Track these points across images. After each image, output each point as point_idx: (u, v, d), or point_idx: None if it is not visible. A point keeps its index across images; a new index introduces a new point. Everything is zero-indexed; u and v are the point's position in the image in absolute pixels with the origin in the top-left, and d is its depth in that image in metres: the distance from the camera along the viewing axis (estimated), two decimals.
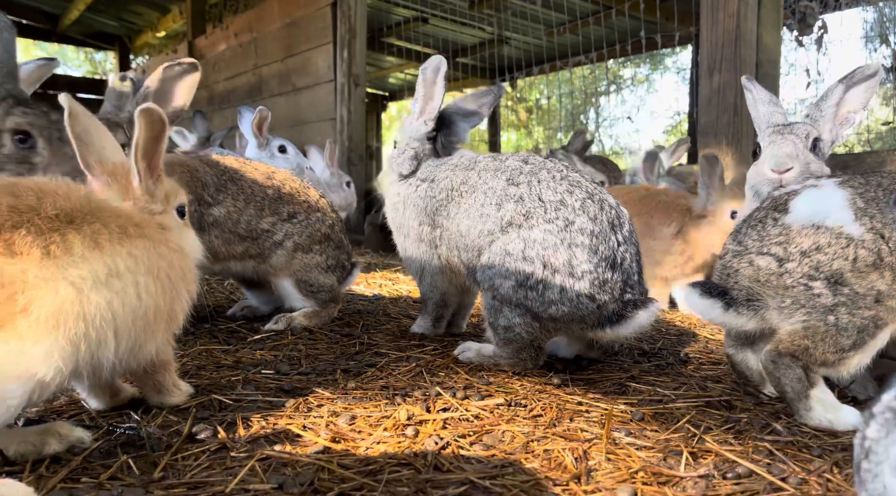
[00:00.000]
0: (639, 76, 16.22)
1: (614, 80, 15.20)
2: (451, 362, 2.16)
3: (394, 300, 3.34)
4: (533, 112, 16.96)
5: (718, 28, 4.24)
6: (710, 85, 4.32)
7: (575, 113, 15.69)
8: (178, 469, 1.35)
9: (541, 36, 8.63)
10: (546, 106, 15.27)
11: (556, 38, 8.39)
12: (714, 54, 4.29)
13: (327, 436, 1.53)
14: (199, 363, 2.05)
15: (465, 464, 1.41)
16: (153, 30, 11.01)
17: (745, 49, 4.18)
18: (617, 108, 16.26)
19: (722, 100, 4.28)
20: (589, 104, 15.03)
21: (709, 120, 4.34)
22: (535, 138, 17.28)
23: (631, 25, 6.93)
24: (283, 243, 2.49)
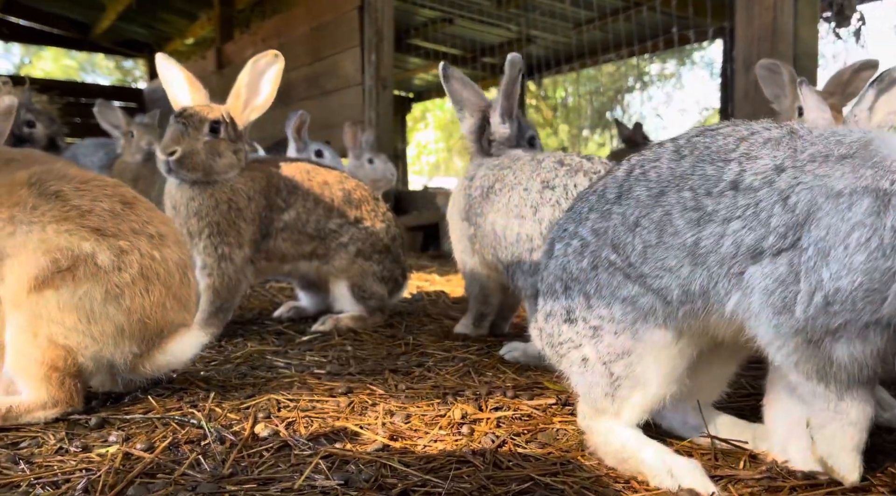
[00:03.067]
0: (666, 72, 16.04)
1: (640, 76, 15.07)
2: (498, 362, 2.18)
3: (432, 301, 3.37)
4: (558, 110, 16.90)
5: (754, 22, 4.20)
6: (746, 80, 4.28)
7: (601, 110, 15.59)
8: (245, 466, 1.39)
9: (567, 34, 8.60)
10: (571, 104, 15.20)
11: (583, 36, 8.35)
12: (750, 49, 4.25)
13: (385, 435, 1.56)
14: (251, 364, 2.10)
15: (523, 461, 1.43)
16: (182, 37, 11.19)
17: (781, 43, 4.13)
18: (643, 105, 16.11)
19: (759, 95, 4.23)
20: (615, 102, 14.93)
21: (745, 115, 4.26)
22: (560, 138, 17.21)
23: (659, 20, 6.87)
24: (347, 246, 2.55)
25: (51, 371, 1.50)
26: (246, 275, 2.41)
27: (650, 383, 1.37)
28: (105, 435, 1.52)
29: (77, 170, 1.64)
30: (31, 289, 1.47)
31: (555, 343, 1.51)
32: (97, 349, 1.54)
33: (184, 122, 2.25)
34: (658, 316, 1.34)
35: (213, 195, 2.30)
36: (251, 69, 2.32)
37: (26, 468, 1.35)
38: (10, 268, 1.49)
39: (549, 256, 1.55)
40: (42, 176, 1.57)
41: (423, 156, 20.31)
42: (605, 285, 1.39)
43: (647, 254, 1.34)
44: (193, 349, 1.67)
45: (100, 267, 1.51)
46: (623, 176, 1.45)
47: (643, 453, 1.35)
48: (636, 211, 1.38)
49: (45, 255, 1.48)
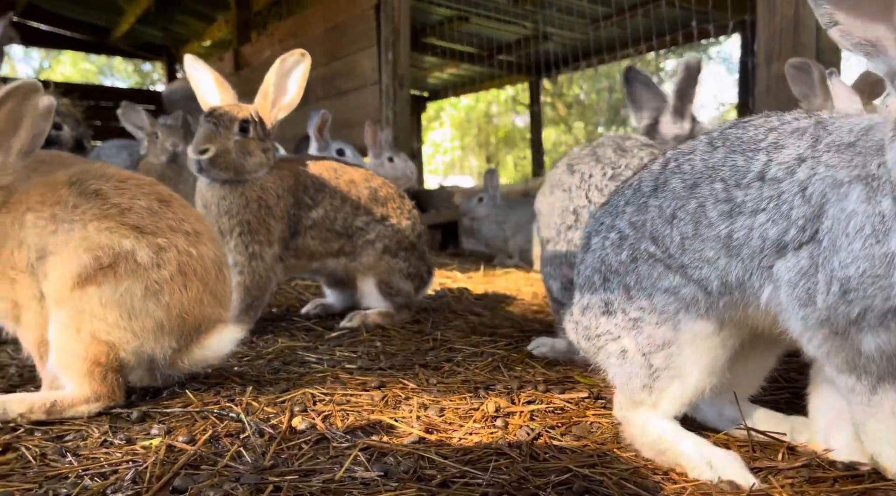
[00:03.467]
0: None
1: (656, 71, 14.97)
2: (526, 357, 2.19)
3: (456, 298, 3.38)
4: (572, 107, 16.84)
5: (776, 15, 4.16)
6: (768, 74, 4.25)
7: (617, 107, 15.52)
8: (285, 458, 1.41)
9: (583, 30, 8.57)
10: (586, 101, 15.14)
11: (599, 32, 8.32)
12: (772, 42, 4.22)
13: (420, 428, 1.57)
14: (283, 359, 2.12)
15: (559, 453, 1.44)
16: (199, 39, 11.30)
17: (804, 36, 4.09)
18: None
19: (782, 89, 4.19)
20: None
21: (768, 110, 4.26)
22: (575, 135, 17.15)
23: (675, 15, 6.82)
24: (374, 243, 2.58)
25: (93, 366, 1.53)
26: (276, 272, 2.43)
27: (690, 375, 1.37)
28: (147, 428, 1.54)
29: (115, 169, 1.67)
30: (73, 286, 1.50)
31: (591, 335, 1.52)
32: (138, 344, 1.57)
33: (214, 121, 2.28)
34: (700, 306, 1.34)
35: (243, 194, 2.33)
36: (278, 68, 2.35)
37: (73, 460, 1.37)
38: (53, 265, 1.52)
39: (585, 250, 1.56)
40: (82, 175, 1.60)
41: (437, 155, 20.34)
42: (645, 277, 1.39)
43: (685, 245, 1.35)
44: (230, 344, 1.70)
45: (139, 264, 1.54)
46: (658, 169, 1.46)
47: (681, 445, 1.35)
48: (672, 203, 1.38)
49: (86, 253, 1.51)
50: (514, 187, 7.61)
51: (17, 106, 1.52)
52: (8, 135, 1.55)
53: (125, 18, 10.33)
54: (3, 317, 1.59)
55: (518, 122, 18.46)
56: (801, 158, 1.24)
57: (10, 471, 1.34)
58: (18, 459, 1.39)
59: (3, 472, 1.33)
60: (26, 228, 1.52)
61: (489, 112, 18.64)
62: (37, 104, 1.55)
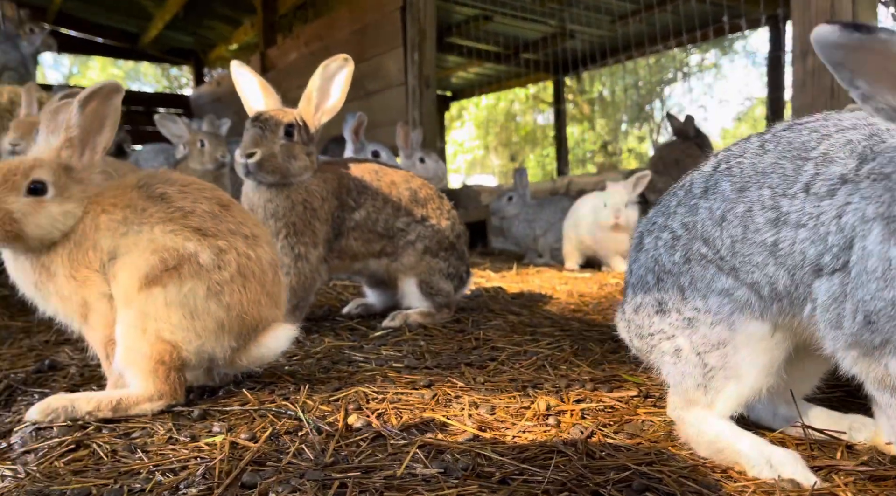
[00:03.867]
0: (707, 62, 15.75)
1: (680, 67, 14.83)
2: (571, 356, 2.20)
3: (492, 297, 3.40)
4: (595, 104, 16.73)
5: (811, 8, 4.11)
6: (803, 68, 4.19)
7: (640, 103, 15.40)
8: (345, 455, 1.44)
9: (608, 27, 8.52)
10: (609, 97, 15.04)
11: (623, 29, 8.27)
12: (806, 36, 4.14)
13: (473, 425, 1.60)
14: (331, 358, 2.16)
15: (614, 451, 1.45)
16: (226, 43, 11.46)
17: None
18: (684, 97, 15.85)
19: (817, 82, 4.15)
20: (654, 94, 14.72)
21: (803, 104, 4.21)
22: (598, 132, 17.05)
23: (704, 10, 6.76)
24: (414, 244, 2.61)
25: (157, 365, 1.58)
26: (320, 273, 2.48)
27: (746, 375, 1.37)
28: (208, 426, 1.58)
29: (178, 174, 1.72)
30: (140, 287, 1.55)
31: (644, 334, 1.53)
32: (200, 344, 1.61)
33: (260, 125, 2.33)
34: (754, 308, 1.34)
35: (289, 197, 2.38)
36: (322, 73, 2.39)
37: (143, 456, 1.42)
38: (122, 266, 1.57)
39: (638, 249, 1.57)
40: (149, 179, 1.65)
41: (459, 154, 20.36)
42: (699, 278, 1.40)
43: (735, 248, 1.35)
44: (285, 343, 1.74)
45: (202, 265, 1.59)
46: (710, 171, 1.46)
47: (739, 444, 1.36)
48: (722, 205, 1.39)
49: (153, 255, 1.56)
50: (541, 186, 7.61)
51: (101, 105, 1.59)
52: (94, 134, 1.62)
53: (154, 24, 10.51)
54: (71, 315, 1.64)
55: (539, 120, 18.41)
56: (843, 179, 1.23)
57: (83, 467, 1.39)
58: (91, 455, 1.44)
59: (78, 468, 1.38)
60: (100, 230, 1.58)
61: (511, 110, 18.61)
62: (118, 104, 1.61)
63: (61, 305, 1.61)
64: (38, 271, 1.58)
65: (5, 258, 1.65)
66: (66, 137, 1.62)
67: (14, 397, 1.83)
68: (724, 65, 16.21)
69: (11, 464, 1.42)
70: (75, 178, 1.61)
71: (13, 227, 1.52)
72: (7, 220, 1.51)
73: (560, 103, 11.22)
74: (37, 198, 1.56)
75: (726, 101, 15.25)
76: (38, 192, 1.56)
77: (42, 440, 1.51)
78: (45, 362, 2.04)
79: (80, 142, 1.64)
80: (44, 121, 1.64)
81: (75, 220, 1.59)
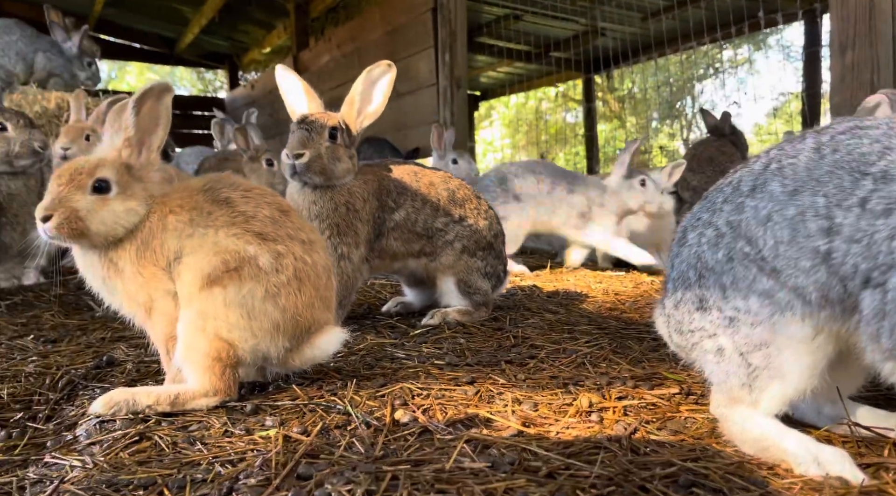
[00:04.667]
0: (739, 57, 15.47)
1: (712, 63, 14.59)
2: (610, 354, 2.22)
3: (528, 296, 3.42)
4: (625, 102, 16.57)
5: (850, 2, 4.04)
6: (842, 63, 4.13)
7: (671, 100, 15.20)
8: (394, 448, 1.49)
9: (638, 24, 8.46)
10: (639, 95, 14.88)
11: (655, 26, 8.20)
12: (846, 30, 4.10)
13: (517, 421, 1.63)
14: (375, 355, 2.21)
15: (658, 447, 1.47)
16: (259, 47, 11.66)
17: (880, 23, 3.96)
18: (715, 93, 15.59)
19: (856, 77, 4.08)
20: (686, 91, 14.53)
21: (842, 99, 4.15)
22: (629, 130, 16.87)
23: (736, 5, 6.67)
24: (452, 243, 2.65)
25: (214, 362, 1.65)
26: (362, 272, 2.54)
27: (791, 375, 1.37)
28: (261, 420, 1.64)
29: (240, 179, 1.79)
30: (202, 287, 1.62)
31: (685, 330, 1.54)
32: (255, 343, 1.67)
33: (307, 127, 2.39)
34: (796, 311, 1.34)
35: (332, 198, 2.44)
36: (365, 78, 2.44)
37: (203, 448, 1.49)
38: (186, 266, 1.64)
39: (681, 244, 1.58)
40: (214, 183, 1.72)
41: (489, 153, 20.35)
42: (741, 278, 1.40)
43: (779, 250, 1.34)
44: (337, 344, 1.79)
45: (261, 268, 1.65)
46: (759, 169, 1.46)
47: (785, 442, 1.36)
48: (769, 205, 1.38)
49: (216, 256, 1.63)
50: None
51: (155, 105, 1.67)
52: (149, 133, 1.70)
53: (190, 29, 10.75)
54: (135, 311, 1.72)
55: (568, 119, 18.29)
56: None
57: (147, 457, 1.46)
58: (154, 447, 1.51)
59: (142, 459, 1.45)
60: (167, 230, 1.65)
61: (539, 109, 18.54)
62: (169, 103, 1.69)
63: (126, 301, 1.69)
64: (107, 267, 1.66)
65: (74, 254, 1.73)
66: (125, 137, 1.70)
67: (76, 392, 1.92)
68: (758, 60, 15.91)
69: (79, 454, 1.49)
70: (136, 177, 1.69)
71: (79, 225, 1.60)
72: (74, 218, 1.59)
73: (590, 102, 11.16)
74: (101, 196, 1.63)
75: (761, 98, 14.93)
76: (102, 191, 1.64)
77: (106, 432, 1.59)
78: (103, 358, 2.13)
79: (136, 141, 1.71)
80: (108, 121, 1.71)
81: (138, 218, 1.66)
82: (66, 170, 1.62)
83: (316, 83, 9.85)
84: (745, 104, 16.80)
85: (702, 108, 5.98)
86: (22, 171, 3.41)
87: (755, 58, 15.91)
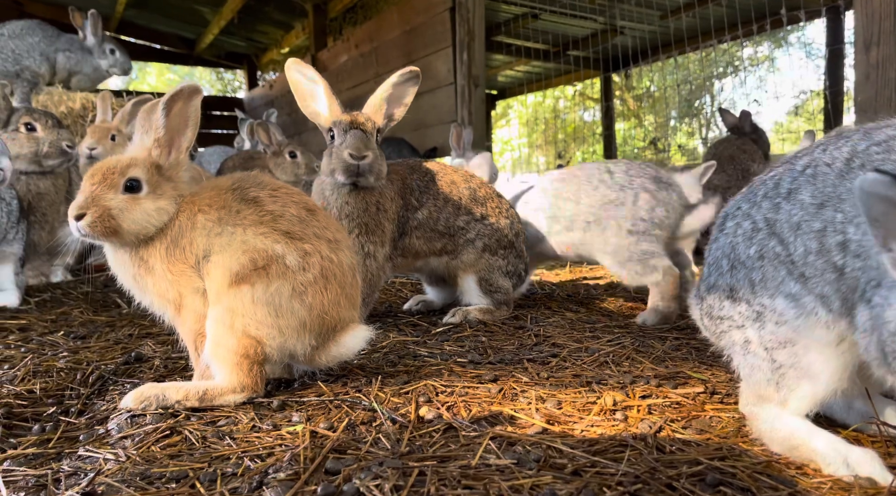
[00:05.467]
0: (760, 55, 15.30)
1: (731, 61, 14.45)
2: (632, 352, 2.22)
3: (548, 294, 3.42)
4: (643, 100, 16.47)
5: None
6: (866, 60, 4.07)
7: (690, 99, 15.07)
8: (420, 445, 1.50)
9: (658, 22, 8.40)
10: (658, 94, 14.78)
11: (676, 23, 8.14)
12: (871, 27, 4.04)
13: (542, 419, 1.63)
14: (398, 353, 2.23)
15: (684, 446, 1.47)
16: (278, 47, 11.73)
17: None
18: (734, 91, 15.44)
19: (881, 75, 4.03)
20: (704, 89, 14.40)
21: (866, 97, 4.09)
22: (647, 128, 16.75)
23: (758, 2, 6.59)
24: (474, 241, 2.67)
25: (242, 359, 1.67)
26: (385, 271, 2.55)
27: (820, 375, 1.37)
28: (288, 416, 1.67)
29: (267, 177, 1.81)
30: (230, 285, 1.65)
31: (714, 315, 1.53)
32: (282, 340, 1.70)
33: (362, 129, 2.39)
34: (820, 317, 1.34)
35: (364, 198, 2.46)
36: (393, 83, 2.46)
37: (231, 443, 1.51)
38: (215, 264, 1.67)
39: (720, 230, 1.57)
40: (242, 182, 1.75)
41: (506, 152, 20.32)
42: (770, 278, 1.40)
43: (808, 259, 1.34)
44: (362, 342, 1.81)
45: (288, 266, 1.67)
46: (799, 170, 1.43)
47: (815, 442, 1.35)
48: (800, 214, 1.37)
49: (244, 255, 1.65)
50: None
51: (184, 106, 1.70)
52: (179, 134, 1.73)
53: (210, 30, 10.85)
54: (165, 308, 1.75)
55: (585, 117, 18.21)
56: None
57: (178, 451, 1.48)
58: (184, 441, 1.53)
59: (173, 453, 1.47)
60: (196, 229, 1.68)
61: (556, 108, 18.47)
62: (198, 105, 1.71)
63: (156, 298, 1.72)
64: (137, 264, 1.69)
65: (106, 252, 1.77)
66: (155, 137, 1.73)
67: (106, 387, 1.95)
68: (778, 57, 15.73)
69: (111, 448, 1.52)
70: (165, 176, 1.72)
71: (112, 223, 1.63)
72: (106, 217, 1.63)
73: (609, 100, 11.10)
74: (132, 195, 1.67)
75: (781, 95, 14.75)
76: (134, 190, 1.67)
77: (137, 426, 1.62)
78: (131, 354, 2.17)
79: (166, 142, 1.74)
80: (138, 122, 1.74)
81: (168, 217, 1.69)
82: (99, 169, 1.66)
83: (334, 83, 9.93)
84: (765, 102, 16.60)
85: (720, 107, 5.92)
86: (50, 171, 3.48)
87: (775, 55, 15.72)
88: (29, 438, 1.59)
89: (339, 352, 1.80)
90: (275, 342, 1.69)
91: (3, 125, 3.34)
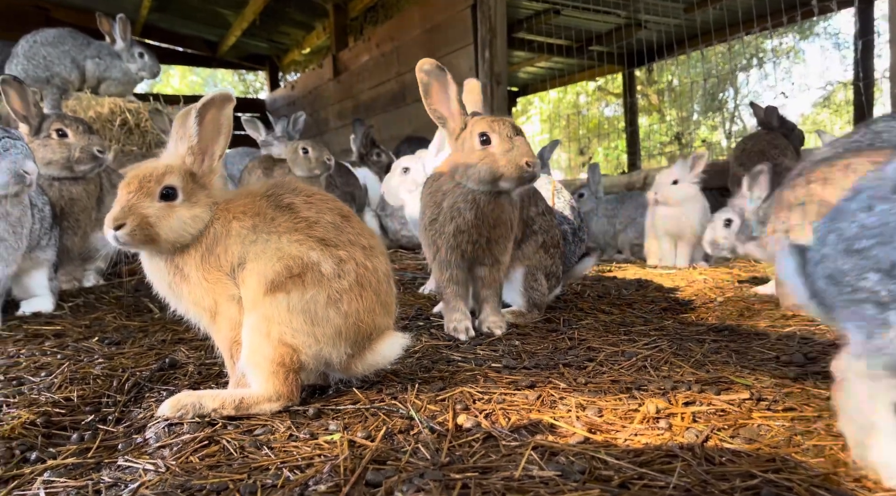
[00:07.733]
0: (784, 46, 15.02)
1: (756, 53, 14.20)
2: (670, 357, 2.16)
3: (578, 295, 3.37)
4: (665, 94, 16.26)
5: None
6: None
7: (713, 92, 14.85)
8: (459, 455, 1.47)
9: (681, 15, 8.27)
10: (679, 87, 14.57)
11: (701, 16, 8.00)
12: None
13: (583, 427, 1.59)
14: (431, 358, 2.20)
15: (734, 457, 1.42)
16: (299, 47, 11.79)
17: None
18: (758, 84, 15.16)
19: None
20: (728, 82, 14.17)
21: None
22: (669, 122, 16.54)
23: None
24: (536, 234, 2.66)
25: (278, 367, 1.66)
26: None
27: None
28: (324, 424, 1.65)
29: (301, 183, 1.79)
30: (266, 292, 1.63)
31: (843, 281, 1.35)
32: (318, 348, 1.68)
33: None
34: None
35: (511, 202, 2.45)
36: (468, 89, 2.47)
37: (269, 453, 1.49)
38: (250, 272, 1.66)
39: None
40: (276, 189, 1.73)
41: None
42: None
43: None
44: (398, 350, 1.79)
45: (323, 274, 1.65)
46: None
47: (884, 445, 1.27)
48: None
49: (279, 262, 1.63)
50: (615, 180, 7.46)
51: (217, 114, 1.69)
52: (212, 141, 1.72)
53: (232, 32, 10.93)
54: (200, 315, 1.74)
55: (607, 113, 18.04)
56: None
57: (217, 462, 1.47)
58: (222, 451, 1.52)
59: (212, 464, 1.46)
60: (231, 236, 1.67)
61: (577, 103, 18.32)
62: (230, 112, 1.70)
63: (192, 306, 1.71)
64: (173, 272, 1.68)
65: (142, 259, 1.76)
66: (189, 145, 1.72)
67: (142, 393, 1.95)
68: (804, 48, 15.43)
69: (150, 458, 1.51)
70: (199, 184, 1.71)
71: (150, 231, 1.62)
72: (144, 224, 1.62)
73: (632, 96, 10.97)
74: (168, 203, 1.66)
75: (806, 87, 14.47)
76: (170, 198, 1.67)
77: (175, 435, 1.61)
78: (165, 360, 2.17)
79: (199, 149, 1.73)
80: (174, 128, 1.74)
81: (203, 224, 1.68)
82: (135, 177, 1.65)
83: (356, 83, 9.95)
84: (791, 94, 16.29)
85: (751, 102, 5.79)
86: (82, 176, 3.51)
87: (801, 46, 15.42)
88: (68, 447, 1.59)
89: (375, 360, 1.78)
90: (311, 350, 1.67)
91: (36, 132, 3.38)
